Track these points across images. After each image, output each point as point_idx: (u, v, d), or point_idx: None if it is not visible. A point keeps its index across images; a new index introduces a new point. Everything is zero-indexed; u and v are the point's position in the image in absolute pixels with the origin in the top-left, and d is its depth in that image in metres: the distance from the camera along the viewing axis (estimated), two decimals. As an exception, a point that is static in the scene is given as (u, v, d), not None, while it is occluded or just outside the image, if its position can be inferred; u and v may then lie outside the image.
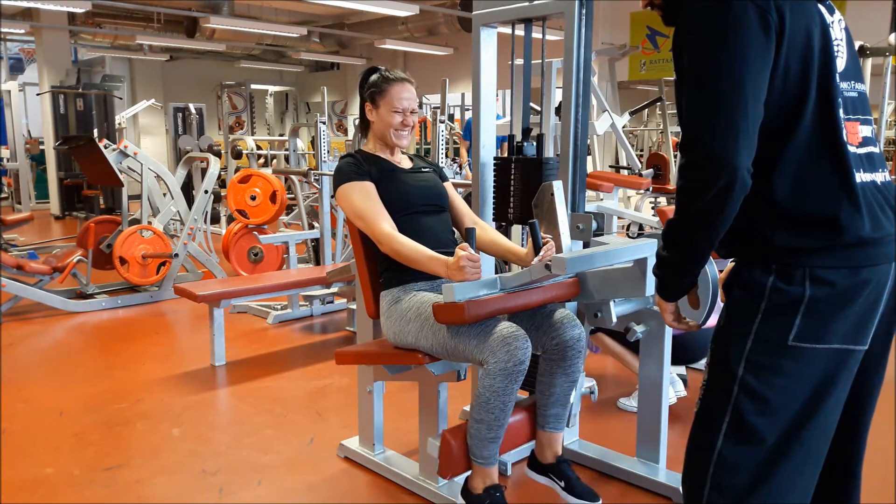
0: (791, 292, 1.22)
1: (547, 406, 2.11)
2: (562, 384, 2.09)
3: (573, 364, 2.06)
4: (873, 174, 1.28)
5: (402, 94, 2.23)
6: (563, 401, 2.11)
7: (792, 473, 1.27)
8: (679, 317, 1.43)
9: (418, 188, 2.26)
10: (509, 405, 1.92)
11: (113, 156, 4.98)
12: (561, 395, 2.10)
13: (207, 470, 2.53)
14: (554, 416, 2.12)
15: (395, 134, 2.24)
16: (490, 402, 1.90)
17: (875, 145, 1.33)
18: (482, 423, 1.94)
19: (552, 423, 2.13)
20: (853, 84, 1.31)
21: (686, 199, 1.23)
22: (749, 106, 1.17)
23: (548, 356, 2.07)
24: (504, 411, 1.92)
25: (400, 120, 2.23)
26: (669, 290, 1.38)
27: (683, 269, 1.33)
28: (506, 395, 1.89)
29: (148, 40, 11.53)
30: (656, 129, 12.77)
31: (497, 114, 2.69)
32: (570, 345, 2.03)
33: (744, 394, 1.26)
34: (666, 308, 1.41)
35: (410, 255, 2.05)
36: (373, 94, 2.26)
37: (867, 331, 1.26)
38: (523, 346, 1.86)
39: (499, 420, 1.93)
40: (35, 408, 3.12)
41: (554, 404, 2.11)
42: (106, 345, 4.13)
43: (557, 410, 2.12)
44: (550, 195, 2.10)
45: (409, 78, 2.29)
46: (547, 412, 2.12)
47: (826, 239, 1.21)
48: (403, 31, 11.89)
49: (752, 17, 1.17)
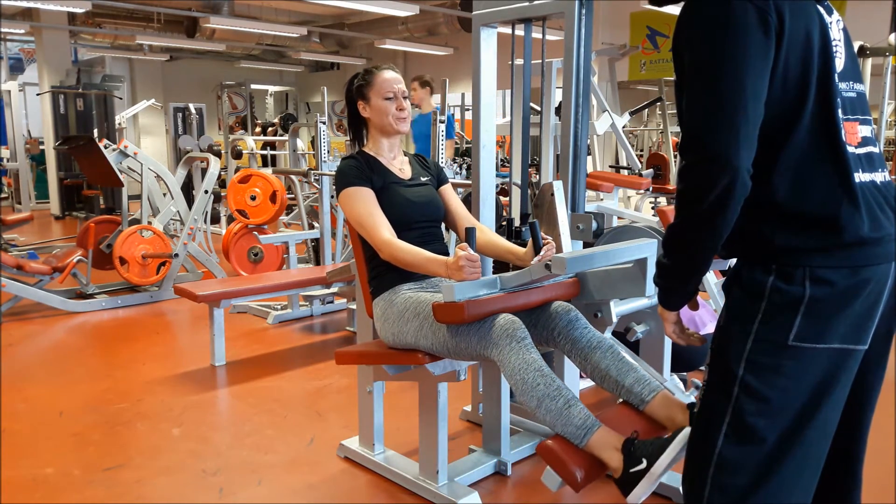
0: (791, 292, 1.22)
1: (620, 385, 1.83)
2: (602, 358, 1.88)
3: (588, 339, 1.93)
4: (873, 174, 1.28)
5: (389, 78, 2.24)
6: (624, 366, 1.85)
7: (792, 473, 1.27)
8: (682, 328, 1.43)
9: (415, 204, 2.25)
10: (545, 369, 1.77)
11: (113, 156, 4.98)
12: (612, 365, 1.86)
13: (207, 470, 2.53)
14: (636, 382, 1.81)
15: (394, 121, 2.24)
16: (526, 380, 1.77)
17: (875, 145, 1.33)
18: (542, 401, 1.74)
19: (642, 390, 1.80)
20: (852, 84, 1.31)
21: (687, 201, 1.23)
22: (749, 107, 1.17)
23: (562, 349, 2.00)
24: (546, 376, 1.76)
25: (394, 105, 2.23)
26: (672, 299, 1.37)
27: (687, 275, 1.32)
28: (533, 363, 1.77)
29: (148, 40, 11.52)
30: (656, 129, 12.77)
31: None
32: (570, 327, 1.97)
33: (744, 394, 1.26)
34: (668, 318, 1.40)
35: (410, 259, 2.06)
36: (360, 88, 2.26)
37: (867, 330, 1.26)
38: (521, 327, 1.85)
39: (551, 386, 1.74)
40: (35, 408, 3.12)
41: (624, 375, 1.83)
42: (106, 345, 4.13)
43: (633, 376, 1.82)
44: (550, 195, 2.11)
45: (393, 66, 2.30)
46: (626, 386, 1.82)
47: (826, 239, 1.21)
48: (403, 31, 11.89)
49: (752, 17, 1.17)
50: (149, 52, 13.46)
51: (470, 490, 2.27)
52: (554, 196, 2.11)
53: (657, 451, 1.56)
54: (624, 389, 1.82)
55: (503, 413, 2.49)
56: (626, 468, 1.59)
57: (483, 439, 2.56)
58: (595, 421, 1.68)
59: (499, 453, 2.50)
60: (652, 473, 1.55)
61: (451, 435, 2.74)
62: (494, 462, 2.48)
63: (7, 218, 5.65)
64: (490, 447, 2.53)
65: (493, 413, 2.51)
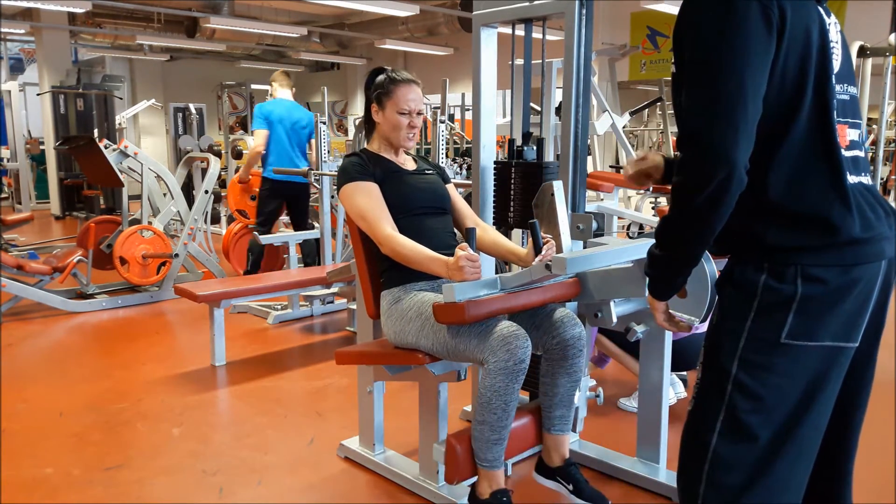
0: (783, 290, 1.23)
1: (551, 408, 2.11)
2: (564, 384, 2.08)
3: (574, 363, 2.06)
4: (859, 177, 1.29)
5: (409, 95, 2.22)
6: (567, 401, 2.11)
7: (786, 470, 1.28)
8: (671, 317, 1.43)
9: (421, 190, 2.26)
10: (511, 405, 1.91)
11: (113, 156, 4.98)
12: (565, 395, 2.10)
13: (207, 470, 2.53)
14: (559, 417, 2.11)
15: (401, 136, 2.25)
16: (492, 402, 1.90)
17: (861, 149, 1.34)
18: (485, 424, 1.94)
19: (558, 424, 2.12)
20: (846, 87, 1.32)
21: (683, 194, 1.23)
22: (749, 102, 1.17)
23: (549, 356, 2.07)
24: (506, 412, 1.91)
25: (406, 122, 2.23)
26: (662, 289, 1.38)
27: (677, 267, 1.32)
28: (507, 394, 1.88)
29: (148, 40, 11.53)
30: (656, 129, 12.76)
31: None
32: (571, 343, 2.03)
33: (738, 392, 1.27)
34: (658, 307, 1.41)
35: (411, 255, 2.06)
36: (379, 95, 2.25)
37: (858, 328, 1.27)
38: (523, 346, 1.86)
39: (501, 421, 1.93)
40: (35, 408, 3.12)
41: (558, 405, 2.10)
42: (106, 345, 4.13)
43: (562, 412, 2.11)
44: (551, 195, 2.10)
45: (416, 79, 2.28)
46: (552, 413, 2.11)
47: (818, 238, 1.22)
48: (403, 31, 11.90)
49: (755, 12, 1.17)
50: (149, 52, 13.47)
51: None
52: (554, 196, 2.10)
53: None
54: (549, 412, 2.12)
55: (503, 413, 2.49)
56: (477, 503, 2.00)
57: (483, 439, 2.57)
58: (500, 464, 2.00)
59: (499, 453, 2.50)
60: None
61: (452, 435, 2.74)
62: (494, 462, 2.49)
63: (7, 218, 5.65)
64: (490, 447, 2.53)
65: (493, 413, 2.51)
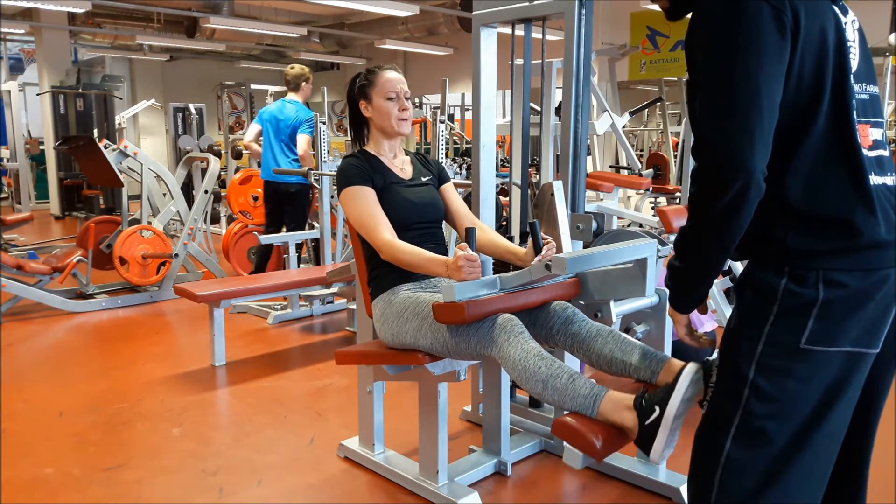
0: (804, 295, 1.20)
1: (628, 363, 1.82)
2: (605, 343, 1.88)
3: (586, 327, 1.94)
4: (884, 178, 1.27)
5: (392, 79, 2.25)
6: (627, 347, 1.85)
7: (801, 477, 1.25)
8: (692, 331, 1.42)
9: (416, 205, 2.25)
10: (544, 353, 1.77)
11: (113, 156, 4.98)
12: (617, 347, 1.85)
13: (207, 470, 2.53)
14: (643, 356, 1.81)
15: (394, 122, 2.25)
16: (528, 368, 1.75)
17: (885, 149, 1.31)
18: (547, 382, 1.71)
19: (652, 361, 1.79)
20: (865, 86, 1.30)
21: (701, 204, 1.21)
22: (764, 108, 1.15)
23: (561, 345, 2.00)
24: (546, 359, 1.75)
25: (396, 106, 2.24)
26: (684, 302, 1.37)
27: (698, 278, 1.31)
28: (531, 353, 1.77)
29: (148, 40, 11.52)
30: (656, 129, 12.76)
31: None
32: (572, 320, 1.97)
33: (754, 396, 1.24)
34: (680, 321, 1.40)
35: (411, 259, 2.06)
36: (363, 88, 2.26)
37: (880, 333, 1.24)
38: (518, 323, 1.85)
39: (553, 366, 1.73)
40: (35, 408, 3.12)
41: (630, 353, 1.83)
42: (106, 345, 4.13)
43: (637, 354, 1.82)
44: (550, 195, 2.11)
45: (394, 67, 2.32)
46: (634, 363, 1.81)
47: (840, 241, 1.20)
48: (403, 31, 11.89)
49: (767, 17, 1.15)
50: (149, 52, 13.46)
51: (470, 490, 2.27)
52: (554, 196, 2.11)
53: (667, 395, 1.52)
54: (633, 367, 1.81)
55: (503, 413, 2.49)
56: (641, 422, 1.55)
57: (483, 439, 2.57)
58: (601, 388, 1.64)
59: (499, 453, 2.50)
60: (666, 418, 1.50)
61: (451, 435, 2.74)
62: (494, 462, 2.48)
63: (7, 218, 5.65)
64: (490, 447, 2.53)
65: (493, 413, 2.51)
